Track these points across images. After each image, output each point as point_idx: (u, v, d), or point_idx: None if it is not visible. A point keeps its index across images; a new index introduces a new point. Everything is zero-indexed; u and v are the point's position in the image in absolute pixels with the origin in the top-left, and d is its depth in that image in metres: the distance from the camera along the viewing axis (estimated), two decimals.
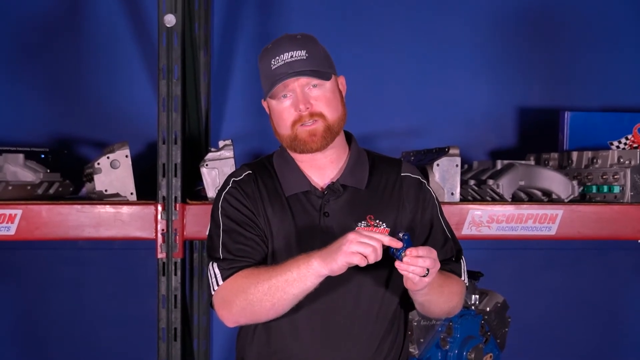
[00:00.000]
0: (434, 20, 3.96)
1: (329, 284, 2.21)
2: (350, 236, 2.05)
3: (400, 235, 2.06)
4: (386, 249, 2.07)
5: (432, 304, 2.28)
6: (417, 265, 2.04)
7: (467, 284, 2.38)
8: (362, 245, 2.03)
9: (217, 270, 2.23)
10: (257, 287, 2.13)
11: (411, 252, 2.04)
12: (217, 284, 2.22)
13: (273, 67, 2.24)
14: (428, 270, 2.06)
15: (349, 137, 2.38)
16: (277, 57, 2.24)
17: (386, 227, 2.27)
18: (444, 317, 2.43)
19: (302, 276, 2.09)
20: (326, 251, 2.08)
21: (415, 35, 3.95)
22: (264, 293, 2.13)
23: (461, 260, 2.39)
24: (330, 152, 2.30)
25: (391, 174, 2.35)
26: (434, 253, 2.08)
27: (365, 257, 2.03)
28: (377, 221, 2.27)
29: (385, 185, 2.32)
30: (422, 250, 2.05)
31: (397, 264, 2.05)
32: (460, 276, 2.36)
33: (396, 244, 2.05)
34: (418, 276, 2.06)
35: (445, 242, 2.35)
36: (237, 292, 2.17)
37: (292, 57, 2.24)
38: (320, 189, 2.29)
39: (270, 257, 2.26)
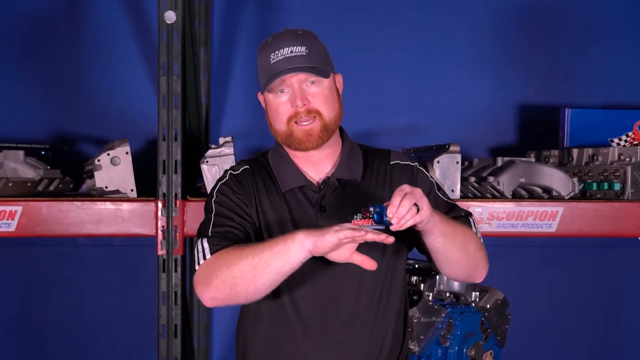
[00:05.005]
0: (435, 17, 3.96)
1: (329, 282, 2.22)
2: (344, 225, 2.02)
3: (371, 209, 2.03)
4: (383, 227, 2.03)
5: (449, 252, 2.19)
6: (405, 214, 1.99)
7: (481, 240, 2.30)
8: (352, 231, 2.00)
9: (205, 245, 2.20)
10: (241, 260, 2.09)
11: (391, 211, 2.00)
12: (204, 258, 2.18)
13: (272, 61, 2.23)
14: (417, 205, 2.01)
15: (340, 131, 2.37)
16: (277, 52, 2.23)
17: None
18: (471, 275, 2.29)
19: (286, 248, 2.05)
20: (313, 229, 2.05)
21: (415, 32, 3.95)
22: (247, 264, 2.08)
23: (470, 219, 2.33)
24: (325, 148, 2.30)
25: (382, 164, 2.35)
26: (407, 187, 2.03)
27: (353, 238, 2.00)
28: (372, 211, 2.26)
29: (378, 176, 2.32)
30: (395, 200, 2.00)
31: (393, 228, 2.01)
32: (472, 229, 2.30)
33: (381, 237, 1.99)
34: (415, 218, 2.01)
35: (451, 208, 2.31)
36: (221, 265, 2.13)
37: (291, 52, 2.23)
38: (316, 184, 2.29)
39: None
